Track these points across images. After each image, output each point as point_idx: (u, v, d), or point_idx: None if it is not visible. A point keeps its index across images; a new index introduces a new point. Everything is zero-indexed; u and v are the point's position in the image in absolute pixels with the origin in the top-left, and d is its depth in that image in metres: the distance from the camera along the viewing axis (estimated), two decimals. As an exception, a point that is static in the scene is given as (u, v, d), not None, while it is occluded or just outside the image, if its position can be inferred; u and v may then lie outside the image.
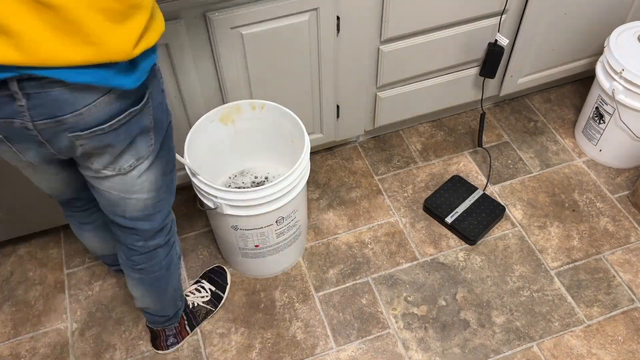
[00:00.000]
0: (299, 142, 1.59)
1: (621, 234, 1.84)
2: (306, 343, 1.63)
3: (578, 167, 2.03)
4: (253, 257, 1.65)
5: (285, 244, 1.65)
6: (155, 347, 1.61)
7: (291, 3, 1.48)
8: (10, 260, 1.84)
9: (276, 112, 1.60)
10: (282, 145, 1.68)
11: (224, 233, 1.62)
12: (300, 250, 1.79)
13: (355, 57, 1.72)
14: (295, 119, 1.56)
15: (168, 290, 1.46)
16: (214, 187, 1.44)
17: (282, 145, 1.68)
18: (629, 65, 1.76)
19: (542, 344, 1.61)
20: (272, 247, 1.63)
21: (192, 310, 1.64)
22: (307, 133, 1.54)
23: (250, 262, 1.69)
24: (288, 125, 1.61)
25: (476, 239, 1.81)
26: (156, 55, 1.03)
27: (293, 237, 1.66)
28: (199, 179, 1.46)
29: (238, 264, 1.75)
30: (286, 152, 1.68)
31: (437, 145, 2.12)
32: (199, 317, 1.65)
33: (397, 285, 1.74)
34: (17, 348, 1.65)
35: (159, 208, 1.25)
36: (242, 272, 1.77)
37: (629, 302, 1.69)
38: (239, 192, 1.43)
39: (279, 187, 1.44)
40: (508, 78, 2.05)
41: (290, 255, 1.74)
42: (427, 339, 1.63)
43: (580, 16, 1.93)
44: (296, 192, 1.50)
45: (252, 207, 1.45)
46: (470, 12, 1.75)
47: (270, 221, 1.53)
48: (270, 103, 1.60)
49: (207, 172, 1.61)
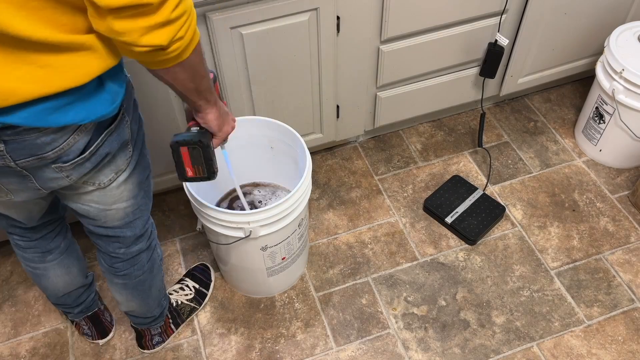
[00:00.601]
0: (284, 144, 1.57)
1: (621, 234, 1.84)
2: (306, 343, 1.63)
3: (578, 167, 2.03)
4: (280, 271, 1.62)
5: (304, 245, 1.64)
6: (141, 346, 1.62)
7: (291, 3, 1.48)
8: (10, 260, 1.84)
9: (247, 125, 1.55)
10: (260, 155, 1.65)
11: (249, 260, 1.54)
12: (308, 249, 1.79)
13: (355, 57, 1.72)
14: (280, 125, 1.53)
15: (152, 292, 1.45)
16: (245, 213, 1.37)
17: (261, 156, 1.66)
18: (629, 65, 1.76)
19: (542, 344, 1.61)
20: (295, 253, 1.61)
21: (176, 309, 1.64)
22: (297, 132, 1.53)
23: (276, 279, 1.65)
24: (262, 133, 1.58)
25: (476, 239, 1.81)
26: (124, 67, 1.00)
27: (306, 235, 1.65)
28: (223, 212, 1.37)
29: (262, 287, 1.69)
30: (267, 160, 1.67)
31: (437, 145, 2.12)
32: (184, 314, 1.66)
33: (397, 285, 1.74)
34: (17, 348, 1.65)
35: (138, 215, 1.23)
36: (267, 294, 1.72)
37: (629, 302, 1.69)
38: (271, 208, 1.36)
39: (302, 190, 1.42)
40: (508, 78, 2.05)
41: (305, 256, 1.73)
42: (427, 339, 1.63)
43: (580, 16, 1.93)
44: (310, 188, 1.49)
45: (283, 218, 1.41)
46: (470, 12, 1.75)
47: (295, 227, 1.50)
48: (243, 119, 1.54)
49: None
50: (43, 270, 1.41)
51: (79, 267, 1.47)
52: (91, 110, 0.92)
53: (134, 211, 1.21)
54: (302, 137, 1.52)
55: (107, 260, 1.32)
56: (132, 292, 1.40)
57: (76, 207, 1.15)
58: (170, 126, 1.65)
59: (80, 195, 1.11)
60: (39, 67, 0.83)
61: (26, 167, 0.95)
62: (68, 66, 0.85)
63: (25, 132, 0.89)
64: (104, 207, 1.15)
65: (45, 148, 0.93)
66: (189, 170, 1.17)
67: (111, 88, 0.95)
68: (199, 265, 1.77)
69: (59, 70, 0.85)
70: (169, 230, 1.88)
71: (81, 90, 0.89)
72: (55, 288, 1.46)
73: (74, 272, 1.45)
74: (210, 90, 1.05)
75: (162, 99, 1.57)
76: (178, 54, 0.86)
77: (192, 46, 0.88)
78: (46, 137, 0.91)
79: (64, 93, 0.87)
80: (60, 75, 0.85)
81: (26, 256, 1.38)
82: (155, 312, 1.53)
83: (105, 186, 1.10)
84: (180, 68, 0.90)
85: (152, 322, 1.56)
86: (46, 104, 0.87)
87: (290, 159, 1.63)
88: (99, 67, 0.89)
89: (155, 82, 1.51)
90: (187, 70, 0.92)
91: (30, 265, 1.40)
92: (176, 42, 0.83)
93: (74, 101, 0.89)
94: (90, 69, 0.87)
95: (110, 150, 1.03)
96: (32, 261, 1.39)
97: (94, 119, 0.93)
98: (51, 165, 0.97)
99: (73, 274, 1.46)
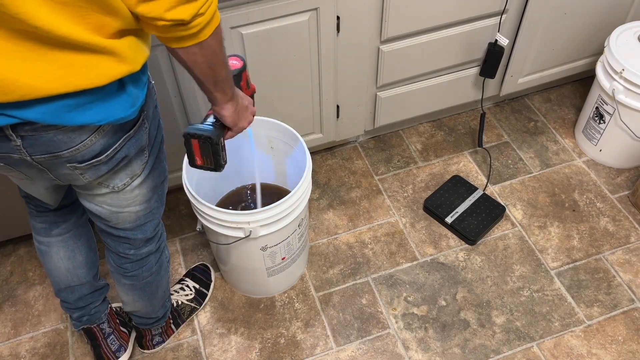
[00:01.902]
0: (284, 144, 1.58)
1: (621, 234, 1.84)
2: (306, 343, 1.63)
3: (578, 167, 2.03)
4: (280, 271, 1.62)
5: (304, 245, 1.64)
6: (141, 346, 1.61)
7: (291, 3, 1.48)
8: (10, 260, 1.84)
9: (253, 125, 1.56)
10: (260, 154, 1.66)
11: (249, 260, 1.55)
12: (308, 248, 1.79)
13: (355, 57, 1.72)
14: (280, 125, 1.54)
15: (159, 293, 1.45)
16: (245, 213, 1.38)
17: (261, 154, 1.66)
18: (629, 65, 1.76)
19: (542, 344, 1.61)
20: (295, 253, 1.61)
21: (176, 309, 1.64)
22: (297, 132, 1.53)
23: (276, 279, 1.65)
24: (262, 133, 1.59)
25: (476, 239, 1.81)
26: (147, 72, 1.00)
27: (306, 235, 1.66)
28: (224, 212, 1.38)
29: (261, 287, 1.69)
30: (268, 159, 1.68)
31: (437, 145, 2.12)
32: (184, 315, 1.66)
33: (397, 285, 1.74)
34: (17, 348, 1.65)
35: (150, 218, 1.24)
36: (267, 294, 1.72)
37: (629, 302, 1.69)
38: (271, 208, 1.37)
39: (302, 190, 1.42)
40: (508, 78, 2.05)
41: (305, 256, 1.73)
42: (427, 339, 1.63)
43: (580, 16, 1.93)
44: (310, 188, 1.49)
45: (283, 218, 1.41)
46: (470, 12, 1.75)
47: (295, 227, 1.50)
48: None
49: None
50: (47, 247, 1.39)
51: (85, 258, 1.43)
52: (110, 112, 0.92)
53: (145, 215, 1.21)
54: (302, 137, 1.53)
55: (116, 260, 1.32)
56: (139, 293, 1.40)
57: (89, 207, 1.16)
58: (170, 126, 1.65)
59: (94, 197, 1.12)
60: (60, 66, 0.84)
61: (41, 163, 0.96)
62: (89, 67, 0.86)
63: (42, 129, 0.89)
64: (116, 209, 1.15)
65: (61, 146, 0.93)
66: (198, 159, 1.20)
67: (132, 91, 0.95)
68: (199, 265, 1.77)
69: (79, 70, 0.85)
70: (169, 230, 1.88)
71: (101, 90, 0.90)
72: (58, 273, 1.43)
73: (78, 259, 1.42)
74: (229, 82, 1.05)
75: (162, 98, 1.57)
76: (198, 31, 0.87)
77: (212, 26, 0.89)
78: (63, 136, 0.91)
79: (84, 92, 0.88)
80: (80, 76, 0.86)
81: (36, 226, 1.38)
82: (159, 313, 1.53)
83: (120, 190, 1.10)
84: (198, 49, 0.91)
85: (155, 323, 1.55)
86: (65, 102, 0.87)
87: (290, 158, 1.63)
88: (120, 71, 0.89)
89: (157, 82, 1.51)
90: (205, 53, 0.92)
91: (37, 239, 1.40)
92: (197, 18, 0.85)
93: (94, 101, 0.90)
94: (111, 72, 0.88)
95: (127, 154, 1.03)
96: (39, 233, 1.38)
97: (112, 120, 0.93)
98: (66, 164, 0.98)
99: (77, 262, 1.42)
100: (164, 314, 1.55)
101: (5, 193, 1.62)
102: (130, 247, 1.28)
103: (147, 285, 1.39)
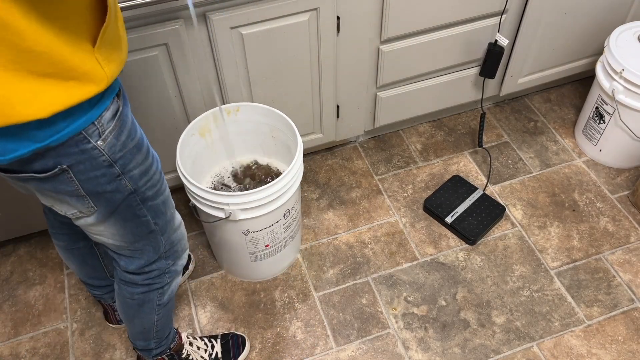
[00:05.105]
0: (283, 134, 1.60)
1: (621, 234, 1.84)
2: (306, 343, 1.63)
3: (578, 167, 2.03)
4: (263, 258, 1.64)
5: (291, 237, 1.65)
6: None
7: (291, 3, 1.48)
8: (10, 260, 1.84)
9: (252, 111, 1.61)
10: (262, 142, 1.69)
11: (232, 242, 1.57)
12: (299, 242, 1.79)
13: (355, 57, 1.72)
14: (277, 113, 1.57)
15: (136, 324, 1.32)
16: (225, 194, 1.40)
17: (262, 142, 1.69)
18: (629, 65, 1.76)
19: (542, 344, 1.61)
20: (281, 243, 1.62)
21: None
22: (294, 125, 1.54)
23: (260, 265, 1.67)
24: (267, 121, 1.62)
25: (476, 239, 1.81)
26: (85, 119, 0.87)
27: (296, 228, 1.66)
28: (206, 191, 1.40)
29: (245, 270, 1.72)
30: (270, 147, 1.70)
31: (437, 145, 2.12)
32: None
33: (397, 285, 1.74)
34: (17, 348, 1.65)
35: (134, 254, 1.15)
36: (251, 278, 1.75)
37: (629, 302, 1.69)
38: (252, 193, 1.39)
39: (287, 180, 1.44)
40: (508, 78, 2.05)
41: (295, 248, 1.74)
42: (427, 339, 1.63)
43: (580, 16, 1.93)
44: (299, 181, 1.50)
45: (264, 205, 1.43)
46: (470, 12, 1.75)
47: (279, 216, 1.52)
48: (245, 104, 1.60)
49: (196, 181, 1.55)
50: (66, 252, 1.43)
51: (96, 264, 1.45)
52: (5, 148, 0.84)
53: (126, 249, 1.13)
54: (302, 137, 1.53)
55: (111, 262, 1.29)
56: (119, 300, 1.30)
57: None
58: (170, 126, 1.65)
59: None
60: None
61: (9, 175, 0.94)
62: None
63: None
64: (88, 232, 1.09)
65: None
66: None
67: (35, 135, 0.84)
68: (240, 336, 1.61)
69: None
70: (169, 230, 1.88)
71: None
72: (79, 271, 1.49)
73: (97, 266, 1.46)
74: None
75: (162, 98, 1.57)
76: None
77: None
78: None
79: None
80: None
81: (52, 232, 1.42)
82: (138, 345, 1.40)
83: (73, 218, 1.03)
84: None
85: (139, 350, 1.42)
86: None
87: (288, 148, 1.64)
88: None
89: (157, 82, 1.52)
90: None
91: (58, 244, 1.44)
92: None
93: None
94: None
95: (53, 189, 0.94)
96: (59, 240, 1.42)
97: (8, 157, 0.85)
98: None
99: (90, 266, 1.46)
100: (144, 347, 1.39)
101: (6, 193, 1.62)
102: (116, 263, 1.19)
103: (124, 304, 1.28)
